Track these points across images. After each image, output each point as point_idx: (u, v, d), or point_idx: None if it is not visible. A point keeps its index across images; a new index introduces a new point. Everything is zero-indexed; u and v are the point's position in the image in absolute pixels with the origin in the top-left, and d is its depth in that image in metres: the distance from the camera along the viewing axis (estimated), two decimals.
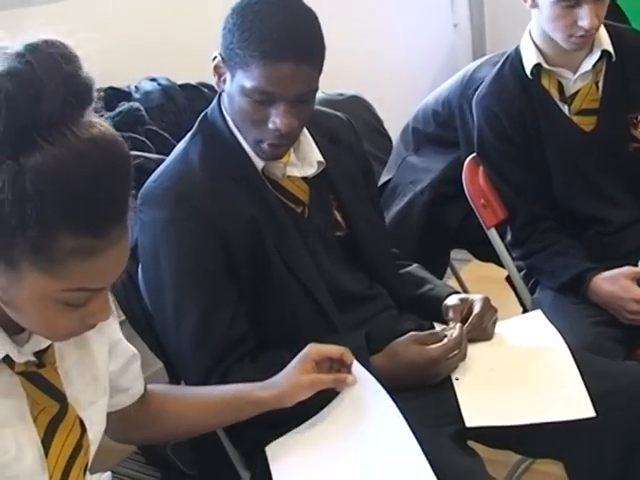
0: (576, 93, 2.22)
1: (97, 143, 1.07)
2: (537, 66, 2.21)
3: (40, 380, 1.23)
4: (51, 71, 1.05)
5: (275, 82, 1.61)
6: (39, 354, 1.23)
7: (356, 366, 1.58)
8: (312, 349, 1.59)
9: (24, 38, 1.08)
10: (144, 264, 1.77)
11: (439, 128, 2.86)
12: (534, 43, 2.22)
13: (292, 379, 1.56)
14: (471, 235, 2.86)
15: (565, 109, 2.22)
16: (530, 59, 2.21)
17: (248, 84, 1.62)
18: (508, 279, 2.55)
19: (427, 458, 1.44)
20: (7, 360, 1.19)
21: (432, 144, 2.90)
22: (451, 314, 1.82)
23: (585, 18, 2.05)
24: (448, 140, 2.82)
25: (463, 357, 1.73)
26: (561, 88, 2.22)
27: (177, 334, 1.69)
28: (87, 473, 1.34)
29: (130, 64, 2.84)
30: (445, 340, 1.70)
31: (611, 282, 2.09)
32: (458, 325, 1.75)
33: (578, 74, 2.20)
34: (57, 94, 1.05)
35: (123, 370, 1.47)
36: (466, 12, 5.05)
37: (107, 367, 1.39)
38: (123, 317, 2.22)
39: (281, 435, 1.63)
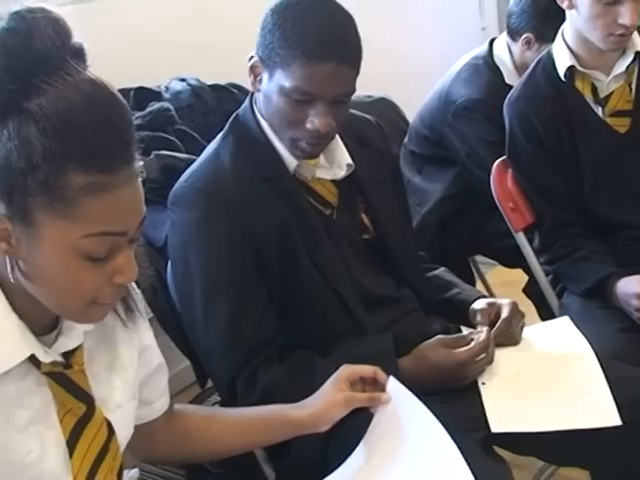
0: (610, 95, 2.21)
1: (95, 82, 1.10)
2: (570, 69, 2.19)
3: (67, 381, 1.23)
4: (41, 19, 1.09)
5: (316, 82, 1.61)
6: (67, 355, 1.23)
7: (392, 382, 1.55)
8: (345, 369, 1.55)
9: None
10: (174, 264, 1.77)
11: (433, 150, 2.93)
12: (567, 46, 2.20)
13: (327, 397, 1.52)
14: (485, 246, 2.90)
15: (599, 111, 2.21)
16: (563, 62, 2.20)
17: (288, 84, 1.62)
18: (525, 290, 2.55)
19: None
20: (33, 360, 1.18)
21: (432, 164, 2.95)
22: (479, 317, 1.81)
23: (626, 15, 2.03)
24: (446, 158, 2.87)
25: (490, 361, 1.72)
26: (595, 90, 2.21)
27: (206, 333, 1.69)
28: (122, 476, 1.33)
29: (160, 64, 2.85)
30: (472, 344, 1.70)
31: (625, 284, 2.07)
32: (485, 329, 1.74)
33: (612, 76, 2.19)
34: (48, 34, 1.08)
35: (146, 381, 1.44)
36: (494, 15, 5.02)
37: (136, 372, 1.38)
38: (152, 314, 2.24)
39: (306, 435, 1.63)
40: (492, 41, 2.94)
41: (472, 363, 1.68)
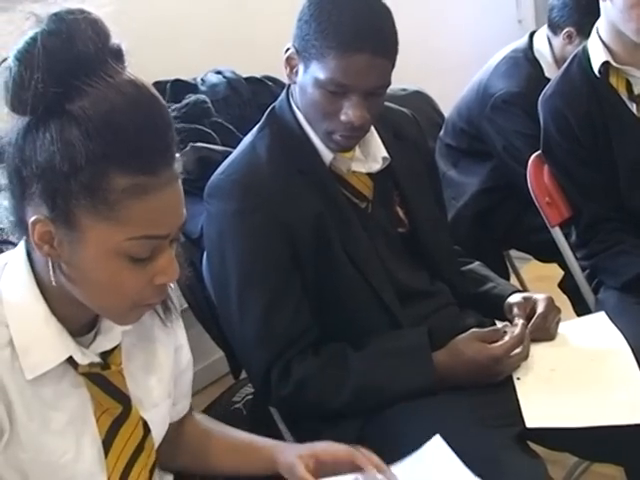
0: None
1: (136, 83, 1.10)
2: (605, 64, 2.17)
3: (104, 382, 1.23)
4: (81, 21, 1.09)
5: (351, 74, 1.60)
6: (104, 355, 1.23)
7: (437, 440, 1.47)
8: (320, 445, 1.45)
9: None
10: (209, 255, 1.78)
11: (470, 143, 2.92)
12: (602, 41, 2.18)
13: (292, 463, 1.41)
14: (520, 240, 2.88)
15: (634, 108, 2.18)
16: (598, 57, 2.18)
17: (323, 75, 1.62)
18: (561, 284, 2.53)
19: (489, 458, 1.42)
20: (71, 361, 1.19)
21: (468, 157, 2.94)
22: (515, 310, 1.80)
23: None
24: (483, 151, 2.86)
25: (525, 356, 1.71)
26: (629, 87, 2.18)
27: (241, 325, 1.70)
28: (155, 472, 1.33)
29: (197, 57, 2.86)
30: (507, 338, 1.69)
31: None
32: (521, 322, 1.73)
33: None
34: (88, 36, 1.08)
35: (175, 381, 1.43)
36: (531, 8, 4.98)
37: (172, 370, 1.39)
38: (186, 305, 2.25)
39: (340, 427, 1.64)
40: (532, 34, 2.92)
41: (507, 358, 1.67)
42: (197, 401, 1.56)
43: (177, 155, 1.14)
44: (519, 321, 1.73)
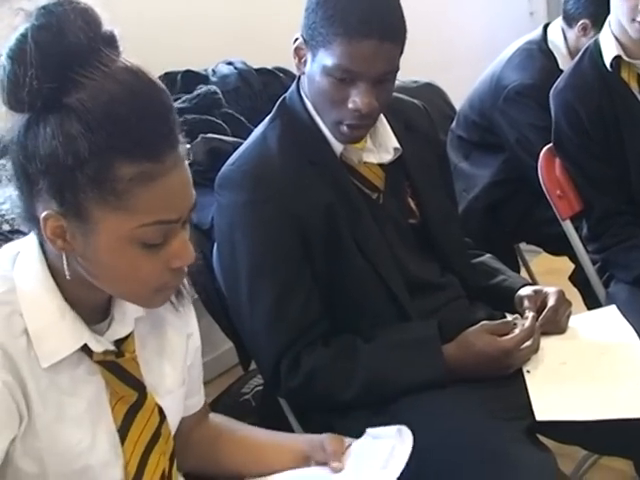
0: None
1: (132, 70, 1.10)
2: (617, 58, 2.16)
3: (119, 369, 1.23)
4: (70, 11, 1.08)
5: (358, 60, 1.59)
6: (118, 343, 1.24)
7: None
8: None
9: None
10: (220, 246, 1.78)
11: (482, 135, 2.91)
12: (613, 35, 2.18)
13: (323, 437, 1.46)
14: (531, 233, 2.87)
15: None
16: (610, 51, 2.17)
17: (330, 62, 1.61)
18: (571, 278, 2.52)
19: (499, 451, 1.42)
20: (86, 349, 1.19)
21: (480, 150, 2.93)
22: (526, 303, 1.80)
23: None
24: (495, 144, 2.85)
25: (536, 349, 1.71)
26: None
27: (251, 316, 1.69)
28: (175, 461, 1.33)
29: (208, 48, 2.87)
30: (517, 331, 1.68)
31: None
32: (531, 315, 1.72)
33: None
34: (78, 26, 1.07)
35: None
36: (543, 0, 4.97)
37: (185, 358, 1.38)
38: (195, 296, 2.25)
39: (349, 419, 1.64)
40: (546, 26, 2.91)
41: (517, 351, 1.67)
42: (206, 392, 1.55)
43: (180, 137, 1.13)
44: (529, 314, 1.73)
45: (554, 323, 1.78)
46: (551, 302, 1.78)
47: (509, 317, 1.77)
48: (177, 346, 1.36)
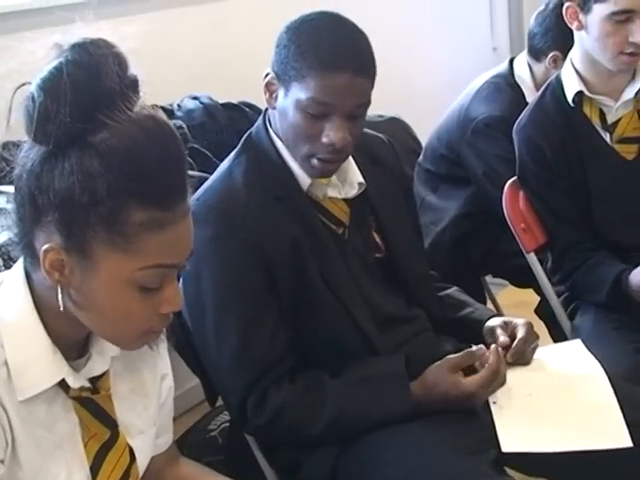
0: (618, 121, 2.21)
1: (155, 119, 1.12)
2: (579, 94, 2.20)
3: (93, 406, 1.23)
4: (106, 56, 1.11)
5: (332, 93, 1.62)
6: (94, 380, 1.24)
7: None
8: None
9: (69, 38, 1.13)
10: (185, 281, 1.75)
11: (450, 168, 2.93)
12: (576, 70, 2.21)
13: None
14: (497, 266, 2.90)
15: (607, 137, 2.21)
16: (572, 87, 2.20)
17: (304, 96, 1.63)
18: (537, 310, 2.54)
19: None
20: (62, 385, 1.19)
21: (447, 183, 2.96)
22: (499, 331, 1.80)
23: (637, 33, 2.04)
24: (461, 177, 2.88)
25: (502, 383, 1.72)
26: (603, 116, 2.21)
27: (217, 352, 1.69)
28: None
29: (173, 82, 2.87)
30: (483, 372, 1.68)
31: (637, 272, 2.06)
32: (493, 348, 1.72)
33: (620, 102, 2.19)
34: (114, 73, 1.10)
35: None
36: (506, 35, 5.04)
37: (158, 397, 1.38)
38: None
39: (317, 455, 1.64)
40: (512, 60, 2.95)
41: (482, 390, 1.68)
42: (172, 429, 1.54)
43: (190, 189, 1.16)
44: (492, 347, 1.73)
45: (521, 355, 1.80)
46: (521, 333, 1.79)
47: (474, 347, 1.78)
48: (150, 386, 1.36)
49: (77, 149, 1.08)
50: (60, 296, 1.14)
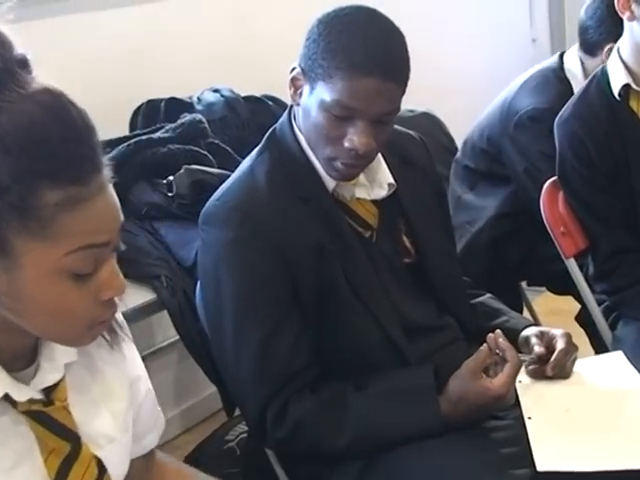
0: None
1: (50, 91, 1.09)
2: (625, 87, 2.18)
3: (47, 419, 1.19)
4: None
5: (359, 97, 1.61)
6: (48, 391, 1.20)
7: None
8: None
9: None
10: (204, 286, 1.78)
11: (490, 165, 2.89)
12: (623, 62, 2.19)
13: None
14: (535, 271, 2.87)
15: None
16: (618, 79, 2.19)
17: (329, 97, 1.62)
18: (577, 318, 2.52)
19: None
20: (9, 399, 1.16)
21: (486, 181, 2.92)
22: (534, 340, 1.79)
23: None
24: (501, 175, 2.84)
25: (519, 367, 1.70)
26: None
27: (236, 360, 1.70)
28: None
29: (193, 74, 2.88)
30: (506, 371, 1.66)
31: None
32: (505, 344, 1.69)
33: None
34: None
35: (135, 416, 1.39)
36: (546, 26, 5.02)
37: (129, 403, 1.34)
38: (177, 337, 2.25)
39: (339, 470, 1.64)
40: (562, 54, 2.93)
41: (510, 387, 1.67)
42: (188, 439, 1.56)
43: (104, 160, 1.13)
44: (502, 343, 1.70)
45: (561, 367, 1.79)
46: (560, 345, 1.78)
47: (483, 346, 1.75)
48: (117, 389, 1.33)
49: None
50: None
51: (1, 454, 1.16)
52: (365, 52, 1.61)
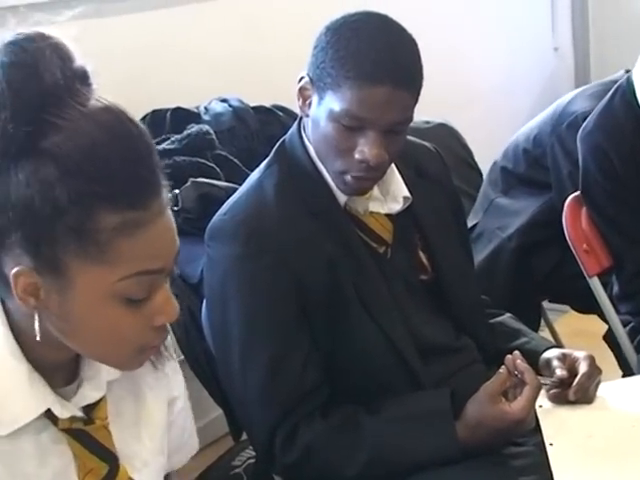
0: None
1: (111, 109, 1.10)
2: None
3: (87, 438, 1.21)
4: (43, 49, 1.08)
5: (369, 107, 1.61)
6: (88, 409, 1.22)
7: None
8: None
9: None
10: (210, 304, 1.78)
11: (530, 168, 2.85)
12: None
13: None
14: (561, 286, 2.83)
15: None
16: None
17: (338, 107, 1.62)
18: (605, 337, 2.50)
19: None
20: (50, 415, 1.17)
21: (523, 185, 2.88)
22: (555, 363, 1.77)
23: None
24: (540, 181, 2.80)
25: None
26: None
27: (243, 382, 1.69)
28: None
29: (200, 84, 2.88)
30: (525, 394, 1.65)
31: None
32: (524, 366, 1.68)
33: None
34: (55, 67, 1.08)
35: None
36: (569, 35, 5.01)
37: (165, 424, 1.36)
38: (181, 357, 2.24)
39: None
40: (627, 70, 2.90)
41: (530, 411, 1.66)
42: (193, 464, 1.54)
43: (164, 181, 1.14)
44: (520, 365, 1.69)
45: (585, 392, 1.77)
46: (583, 368, 1.76)
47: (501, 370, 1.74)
48: (156, 413, 1.34)
49: (29, 158, 1.06)
50: (37, 325, 1.12)
51: (39, 473, 1.18)
52: (375, 59, 1.60)
